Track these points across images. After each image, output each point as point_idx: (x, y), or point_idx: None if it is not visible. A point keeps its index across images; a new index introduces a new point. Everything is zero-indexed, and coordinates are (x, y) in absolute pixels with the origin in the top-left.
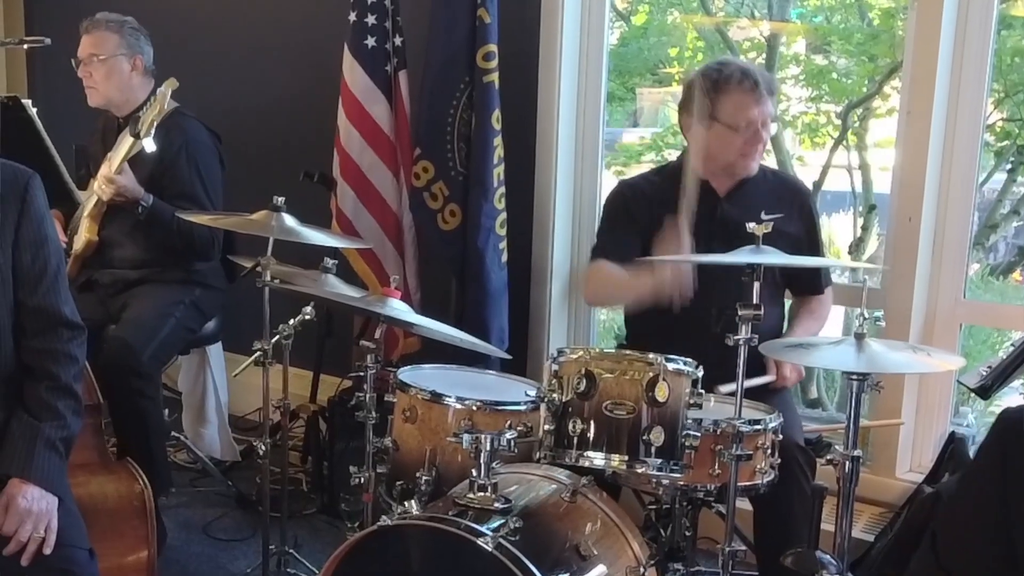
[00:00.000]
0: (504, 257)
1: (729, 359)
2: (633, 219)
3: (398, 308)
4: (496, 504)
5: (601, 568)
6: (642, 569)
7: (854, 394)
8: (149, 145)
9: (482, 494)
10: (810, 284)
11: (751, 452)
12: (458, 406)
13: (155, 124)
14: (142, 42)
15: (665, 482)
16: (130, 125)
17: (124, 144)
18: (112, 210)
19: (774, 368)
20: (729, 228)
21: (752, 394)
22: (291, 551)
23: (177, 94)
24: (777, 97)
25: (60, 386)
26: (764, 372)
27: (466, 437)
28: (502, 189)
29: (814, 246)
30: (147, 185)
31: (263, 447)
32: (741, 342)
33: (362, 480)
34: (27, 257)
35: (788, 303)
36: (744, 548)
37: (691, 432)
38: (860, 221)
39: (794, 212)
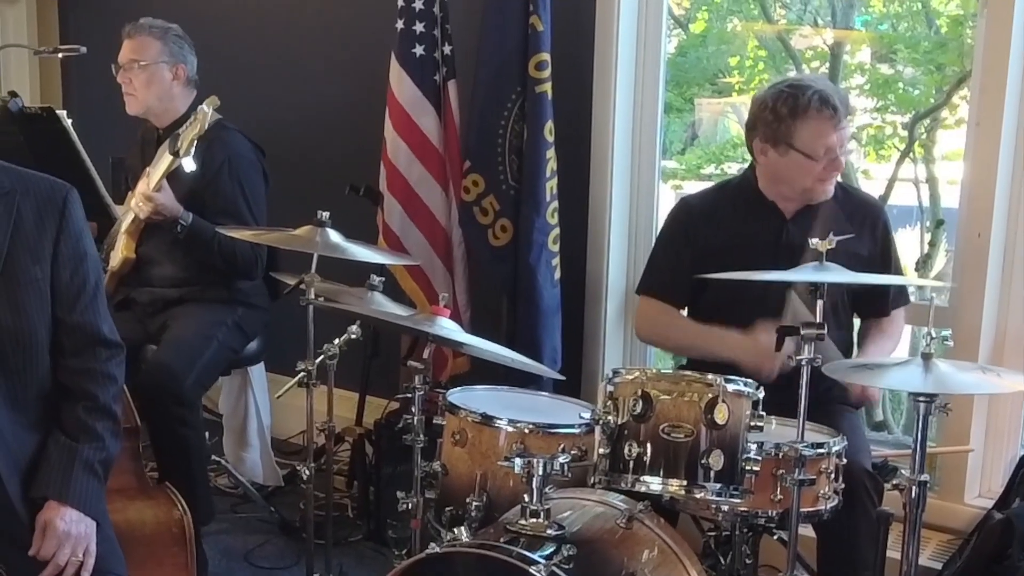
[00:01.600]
0: (557, 274)
1: (792, 380)
2: (690, 242)
3: (447, 327)
4: (549, 531)
5: None
6: None
7: (921, 416)
8: (189, 165)
9: (534, 520)
10: (876, 305)
11: (814, 477)
12: (510, 429)
13: (195, 143)
14: (186, 51)
15: (725, 508)
16: (169, 142)
17: (163, 161)
18: (150, 227)
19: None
20: (795, 252)
21: (819, 416)
22: None
23: (219, 105)
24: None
25: (98, 407)
26: (830, 395)
27: (518, 461)
28: (555, 203)
29: (887, 267)
30: (187, 202)
31: (307, 472)
32: (804, 363)
33: (410, 506)
34: (65, 273)
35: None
36: None
37: (752, 456)
38: (927, 237)
39: (865, 232)
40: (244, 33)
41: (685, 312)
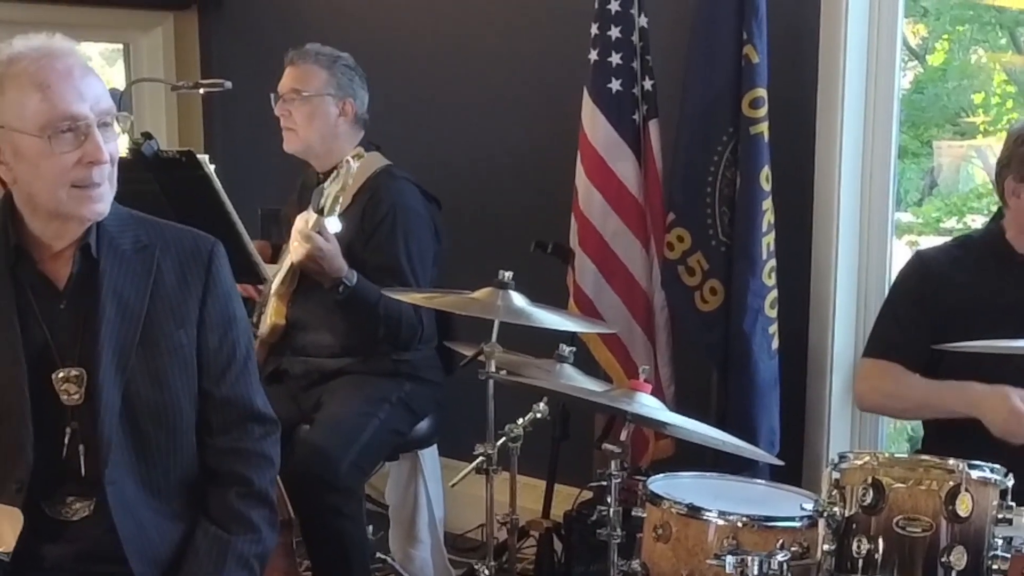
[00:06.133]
0: (775, 343)
1: None
2: (926, 301)
3: (648, 404)
4: None
5: None
6: None
7: None
8: (333, 225)
9: None
10: None
11: None
12: (720, 522)
13: (339, 201)
14: (356, 84)
15: None
16: (313, 197)
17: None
18: (304, 288)
19: None
20: None
21: None
22: None
23: (389, 150)
24: None
25: (253, 492)
26: None
27: (730, 559)
28: (772, 262)
29: None
30: (343, 257)
31: (486, 571)
32: None
33: None
34: (214, 338)
35: None
36: None
37: (999, 553)
38: None
39: None
40: (416, 67)
41: None
